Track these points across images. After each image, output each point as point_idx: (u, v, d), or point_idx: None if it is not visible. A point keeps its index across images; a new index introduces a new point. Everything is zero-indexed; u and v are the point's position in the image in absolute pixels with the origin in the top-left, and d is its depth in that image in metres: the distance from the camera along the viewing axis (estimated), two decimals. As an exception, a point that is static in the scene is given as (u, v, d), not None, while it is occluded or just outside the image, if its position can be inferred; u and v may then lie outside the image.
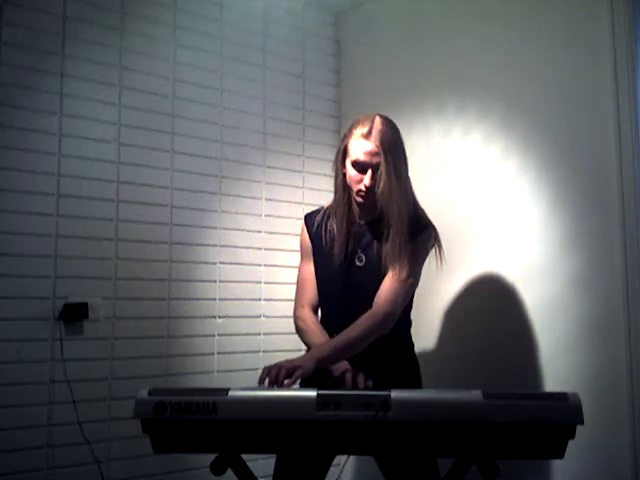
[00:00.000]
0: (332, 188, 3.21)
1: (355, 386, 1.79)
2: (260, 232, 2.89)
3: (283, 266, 2.91)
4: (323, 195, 3.08)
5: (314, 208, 2.21)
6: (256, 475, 1.68)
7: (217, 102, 2.82)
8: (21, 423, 2.25)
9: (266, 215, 2.92)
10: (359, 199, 1.96)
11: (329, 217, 2.07)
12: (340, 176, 2.01)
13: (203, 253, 2.72)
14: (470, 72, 2.61)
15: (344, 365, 1.87)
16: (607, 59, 2.17)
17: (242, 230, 2.84)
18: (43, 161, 2.37)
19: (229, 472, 1.62)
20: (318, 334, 1.97)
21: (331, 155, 3.14)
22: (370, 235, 2.01)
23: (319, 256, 2.06)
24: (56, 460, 2.30)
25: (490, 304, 2.43)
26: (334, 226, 2.03)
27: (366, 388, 1.78)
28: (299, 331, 2.04)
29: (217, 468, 1.59)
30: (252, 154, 2.91)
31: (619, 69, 2.14)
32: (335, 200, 2.05)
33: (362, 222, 2.03)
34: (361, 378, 1.81)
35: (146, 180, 2.60)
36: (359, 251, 2.00)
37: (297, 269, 2.14)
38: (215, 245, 2.76)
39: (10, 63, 2.32)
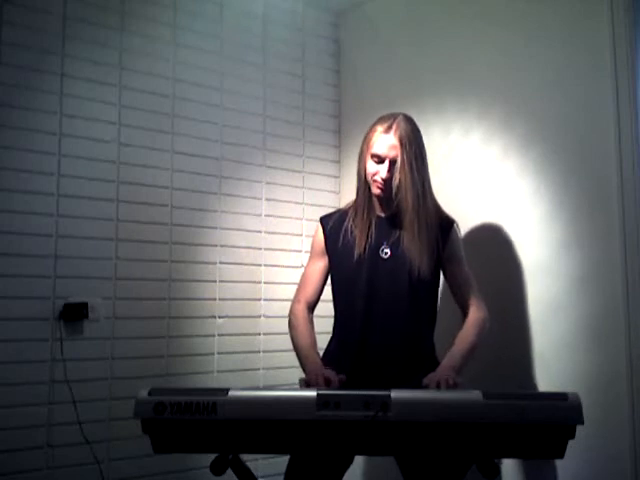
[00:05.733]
0: (332, 188, 3.23)
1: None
2: (260, 232, 2.89)
3: (283, 266, 2.91)
4: (323, 195, 3.08)
5: (314, 208, 2.22)
6: (256, 475, 1.68)
7: (217, 102, 2.82)
8: (21, 423, 2.25)
9: (266, 215, 2.91)
10: (377, 191, 2.01)
11: (347, 216, 2.10)
12: (362, 173, 2.05)
13: (203, 253, 2.72)
14: (470, 72, 2.60)
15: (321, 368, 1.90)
16: (607, 59, 2.16)
17: (242, 230, 2.84)
18: (43, 161, 2.37)
19: (229, 472, 1.63)
20: (304, 331, 2.05)
21: (331, 155, 3.18)
22: (395, 229, 2.04)
23: (336, 254, 2.09)
24: (56, 460, 2.30)
25: (490, 304, 2.42)
26: (356, 221, 2.06)
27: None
28: (288, 325, 2.11)
29: (217, 468, 1.60)
30: (252, 154, 2.90)
31: (619, 69, 2.13)
32: (357, 197, 2.09)
33: (383, 215, 2.07)
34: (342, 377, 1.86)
35: (146, 180, 2.60)
36: (384, 244, 2.04)
37: (297, 269, 2.14)
38: (215, 245, 2.76)
39: (10, 63, 2.32)
